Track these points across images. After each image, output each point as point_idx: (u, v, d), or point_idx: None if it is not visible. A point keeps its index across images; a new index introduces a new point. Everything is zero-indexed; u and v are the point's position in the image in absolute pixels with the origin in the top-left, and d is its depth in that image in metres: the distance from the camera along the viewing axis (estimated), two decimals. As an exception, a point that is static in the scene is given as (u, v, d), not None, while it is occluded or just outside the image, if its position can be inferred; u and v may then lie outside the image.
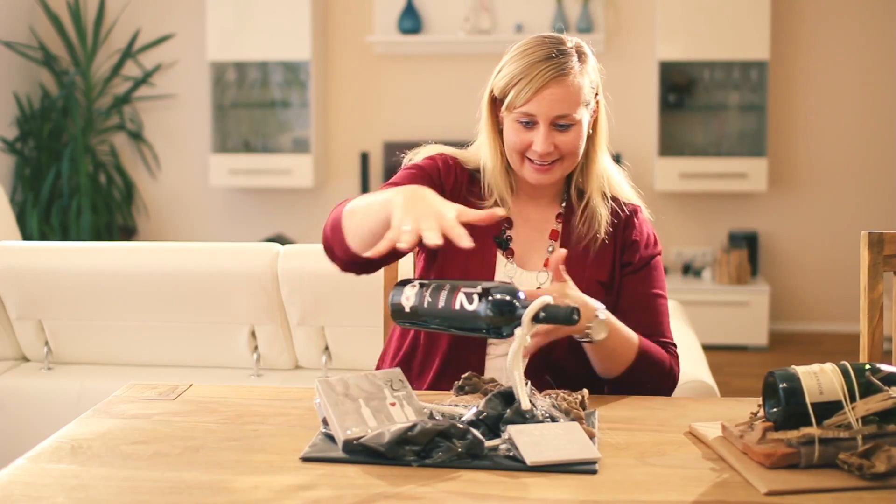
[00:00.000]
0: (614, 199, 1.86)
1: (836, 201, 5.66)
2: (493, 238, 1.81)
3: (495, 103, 1.82)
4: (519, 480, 1.27)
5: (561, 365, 1.75)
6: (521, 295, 1.44)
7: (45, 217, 5.57)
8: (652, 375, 1.75)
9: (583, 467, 1.30)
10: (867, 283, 1.79)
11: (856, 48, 5.58)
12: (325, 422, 1.43)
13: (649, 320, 1.81)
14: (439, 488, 1.24)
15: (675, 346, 1.84)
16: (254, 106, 5.83)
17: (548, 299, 1.41)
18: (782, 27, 5.58)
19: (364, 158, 5.73)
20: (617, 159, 1.95)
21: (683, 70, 5.58)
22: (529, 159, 1.77)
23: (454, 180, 1.84)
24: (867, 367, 1.35)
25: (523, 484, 1.26)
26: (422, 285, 1.50)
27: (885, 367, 1.36)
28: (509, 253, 1.81)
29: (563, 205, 1.86)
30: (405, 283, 1.53)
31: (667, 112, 5.57)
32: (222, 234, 5.93)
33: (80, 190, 5.53)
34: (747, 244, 5.48)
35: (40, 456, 1.37)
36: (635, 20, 5.63)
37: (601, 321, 1.64)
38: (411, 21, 5.58)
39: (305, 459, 1.34)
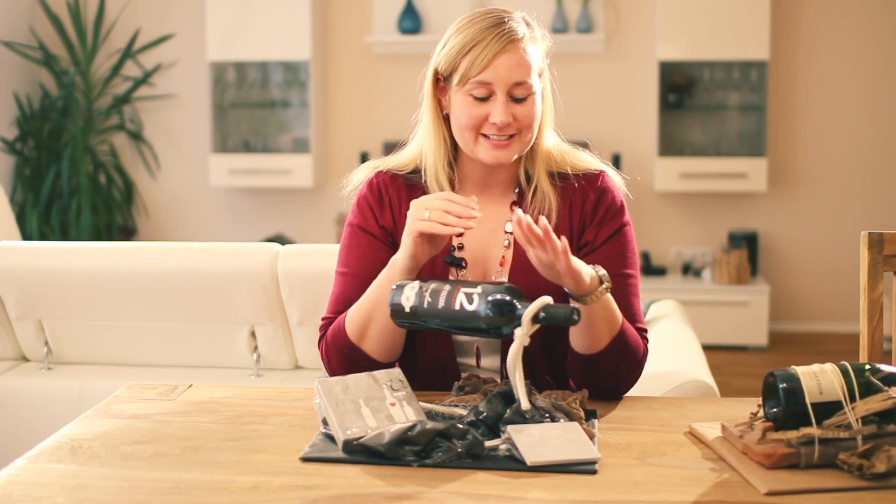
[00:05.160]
0: (564, 175, 1.74)
1: (836, 201, 5.66)
2: (444, 259, 1.72)
3: (438, 85, 1.73)
4: (519, 480, 1.27)
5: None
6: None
7: (45, 217, 5.57)
8: (626, 358, 1.63)
9: (583, 467, 1.30)
10: (867, 283, 1.79)
11: (856, 48, 5.58)
12: (325, 422, 1.43)
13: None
14: (439, 488, 1.24)
15: (645, 331, 1.71)
16: (254, 106, 5.83)
17: (548, 300, 1.41)
18: (782, 27, 5.58)
19: (364, 158, 5.72)
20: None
21: (683, 70, 5.58)
22: (485, 136, 1.67)
23: (393, 198, 1.76)
24: (867, 367, 1.35)
25: (523, 484, 1.26)
26: (422, 286, 1.50)
27: (885, 367, 1.36)
28: (466, 265, 1.72)
29: (517, 191, 1.75)
30: (405, 283, 1.53)
31: (667, 112, 5.57)
32: (222, 234, 5.93)
33: (79, 190, 5.53)
34: (747, 244, 5.48)
35: (40, 456, 1.37)
36: (635, 20, 5.63)
37: (598, 266, 1.55)
38: (411, 21, 5.59)
39: (305, 459, 1.34)
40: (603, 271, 1.56)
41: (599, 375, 1.64)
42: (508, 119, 1.65)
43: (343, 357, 1.68)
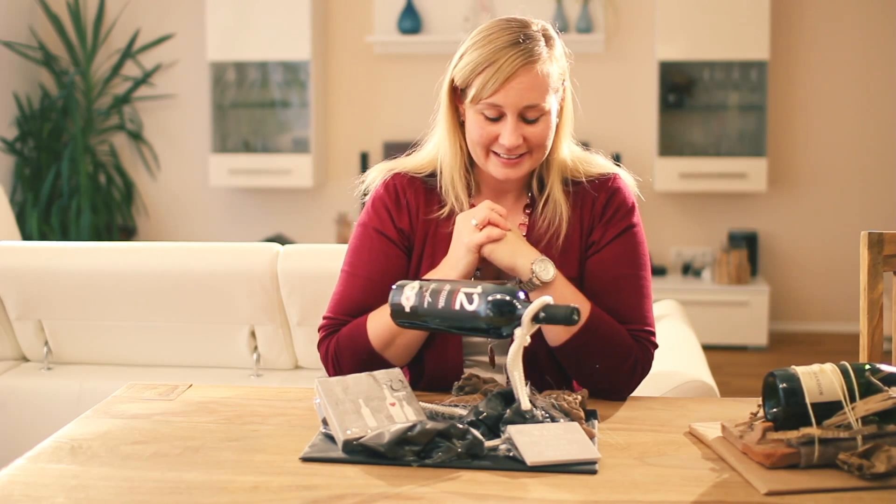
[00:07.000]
0: (577, 181, 1.73)
1: (835, 201, 5.66)
2: None
3: (456, 94, 1.72)
4: (519, 480, 1.27)
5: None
6: (521, 295, 1.44)
7: (44, 217, 5.57)
8: (604, 350, 1.62)
9: (583, 467, 1.30)
10: (867, 283, 1.79)
11: (856, 48, 5.58)
12: (325, 422, 1.43)
13: (616, 305, 1.67)
14: (439, 488, 1.24)
15: (652, 334, 1.68)
16: (254, 106, 5.83)
17: (548, 300, 1.41)
18: (782, 27, 5.58)
19: (364, 158, 5.73)
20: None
21: (683, 70, 5.58)
22: (495, 153, 1.67)
23: (411, 200, 1.75)
24: (867, 367, 1.35)
25: (523, 484, 1.26)
26: (422, 286, 1.50)
27: (885, 367, 1.36)
28: (481, 263, 1.69)
29: (529, 195, 1.76)
30: (405, 283, 1.53)
31: (667, 112, 5.57)
32: (222, 234, 5.93)
33: (79, 190, 5.53)
34: (747, 244, 5.48)
35: (40, 456, 1.37)
36: (635, 20, 5.63)
37: (544, 259, 1.59)
38: (411, 21, 5.59)
39: (305, 459, 1.34)
40: (543, 264, 1.59)
41: (577, 371, 1.66)
42: (518, 142, 1.65)
43: (360, 362, 1.66)
